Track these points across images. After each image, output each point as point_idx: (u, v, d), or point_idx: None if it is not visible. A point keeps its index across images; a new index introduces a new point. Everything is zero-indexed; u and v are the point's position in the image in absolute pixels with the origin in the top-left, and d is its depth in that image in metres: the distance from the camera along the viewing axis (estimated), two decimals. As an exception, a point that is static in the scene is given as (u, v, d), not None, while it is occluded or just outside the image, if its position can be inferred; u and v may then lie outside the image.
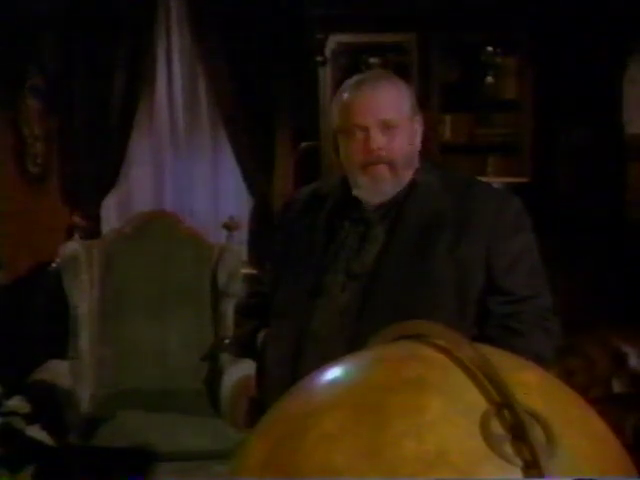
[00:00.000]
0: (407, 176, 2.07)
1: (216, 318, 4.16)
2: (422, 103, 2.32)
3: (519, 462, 0.98)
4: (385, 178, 2.03)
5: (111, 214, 5.17)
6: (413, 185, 2.07)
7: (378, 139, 2.00)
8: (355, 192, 2.07)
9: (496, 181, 4.19)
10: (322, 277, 2.05)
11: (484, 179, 2.92)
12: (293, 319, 2.06)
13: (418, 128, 2.09)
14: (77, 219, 4.95)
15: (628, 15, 4.57)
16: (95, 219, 5.05)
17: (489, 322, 1.99)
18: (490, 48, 4.93)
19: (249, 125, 5.00)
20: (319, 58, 4.85)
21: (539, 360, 1.97)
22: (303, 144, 5.04)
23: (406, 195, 2.06)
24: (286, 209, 2.29)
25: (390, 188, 2.05)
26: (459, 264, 1.98)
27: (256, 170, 5.06)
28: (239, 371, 3.60)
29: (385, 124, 2.00)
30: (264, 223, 4.97)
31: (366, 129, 2.00)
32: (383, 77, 2.11)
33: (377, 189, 2.04)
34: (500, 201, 2.07)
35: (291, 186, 5.00)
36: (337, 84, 4.86)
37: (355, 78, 2.11)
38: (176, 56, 5.14)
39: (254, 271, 4.56)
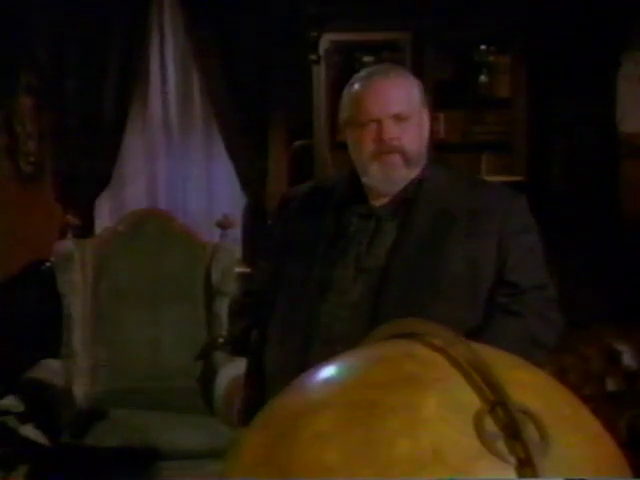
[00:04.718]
0: (417, 170, 2.07)
1: (210, 317, 4.15)
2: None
3: (513, 460, 0.98)
4: (398, 167, 2.03)
5: (104, 213, 5.14)
6: (422, 181, 2.08)
7: (391, 130, 2.01)
8: (365, 180, 2.06)
9: (490, 180, 4.18)
10: (330, 271, 2.05)
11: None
12: (301, 313, 2.04)
13: (427, 121, 2.12)
14: (70, 218, 4.93)
15: (621, 12, 4.57)
16: (88, 218, 5.03)
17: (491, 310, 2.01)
18: (484, 46, 4.92)
19: (243, 124, 4.98)
20: (313, 56, 4.84)
21: (536, 344, 2.00)
22: (297, 143, 5.02)
23: (416, 191, 2.06)
24: (284, 205, 2.26)
25: (401, 178, 2.05)
26: (470, 259, 2.00)
27: (250, 169, 5.04)
28: (233, 370, 3.60)
29: (397, 117, 2.02)
30: (258, 221, 4.95)
31: (379, 122, 2.01)
32: (393, 70, 2.14)
33: (389, 177, 2.04)
34: (509, 200, 2.09)
35: (285, 185, 4.99)
36: (331, 82, 4.88)
37: (366, 71, 2.13)
38: (169, 54, 5.11)
39: (248, 269, 4.56)
